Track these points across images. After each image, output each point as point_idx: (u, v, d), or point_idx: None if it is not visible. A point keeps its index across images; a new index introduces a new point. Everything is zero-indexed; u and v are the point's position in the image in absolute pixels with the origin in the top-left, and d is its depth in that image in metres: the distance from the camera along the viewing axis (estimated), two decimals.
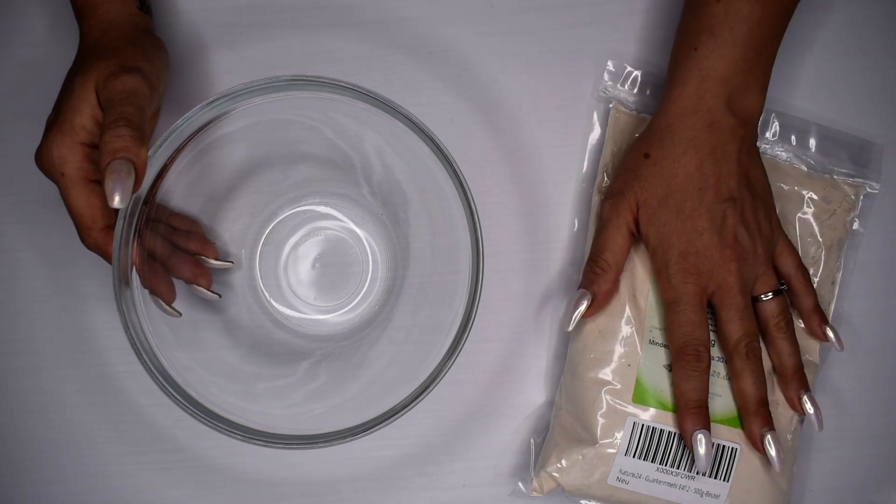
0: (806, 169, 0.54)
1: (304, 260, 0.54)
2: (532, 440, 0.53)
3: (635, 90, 0.54)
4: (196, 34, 0.55)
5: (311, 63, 0.55)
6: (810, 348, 0.52)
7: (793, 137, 0.54)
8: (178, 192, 0.48)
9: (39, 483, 0.52)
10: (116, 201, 0.40)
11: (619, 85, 0.54)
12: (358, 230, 0.54)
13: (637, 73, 0.54)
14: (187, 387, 0.43)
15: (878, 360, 0.55)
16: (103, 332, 0.53)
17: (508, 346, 0.54)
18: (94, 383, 0.53)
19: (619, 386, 0.50)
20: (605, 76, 0.54)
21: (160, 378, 0.43)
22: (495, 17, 0.55)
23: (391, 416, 0.43)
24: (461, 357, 0.44)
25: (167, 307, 0.46)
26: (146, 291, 0.45)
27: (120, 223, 0.43)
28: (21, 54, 0.54)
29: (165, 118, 0.53)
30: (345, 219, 0.54)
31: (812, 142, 0.54)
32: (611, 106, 0.54)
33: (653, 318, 0.51)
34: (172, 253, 0.48)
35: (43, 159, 0.45)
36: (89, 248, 0.46)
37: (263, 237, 0.53)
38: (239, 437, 0.43)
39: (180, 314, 0.47)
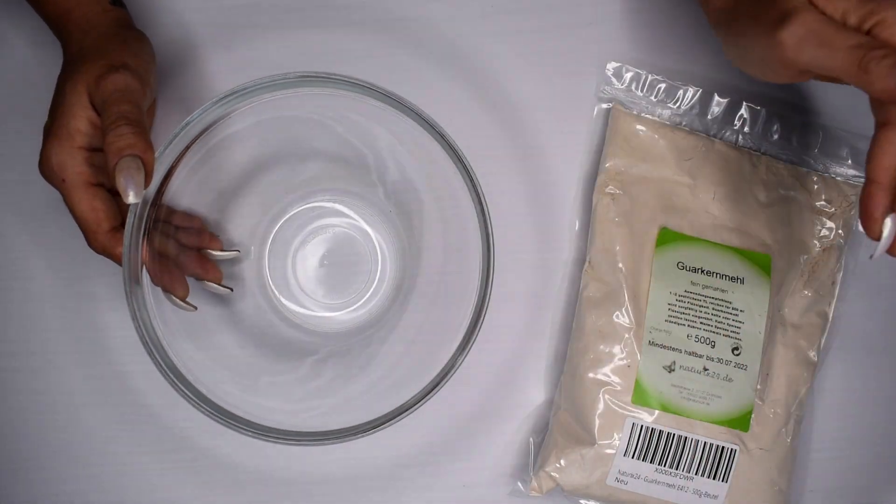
0: (807, 169, 0.54)
1: (312, 257, 0.54)
2: (531, 440, 0.53)
3: (635, 91, 0.54)
4: (199, 33, 0.55)
5: (313, 63, 0.55)
6: (810, 346, 0.52)
7: (794, 137, 0.54)
8: (188, 190, 0.48)
9: (46, 482, 0.53)
10: (131, 197, 0.41)
11: (619, 85, 0.54)
12: (367, 227, 0.54)
13: (637, 73, 0.54)
14: (198, 384, 0.43)
15: (878, 360, 0.55)
16: (112, 332, 0.53)
17: (509, 346, 0.54)
18: (103, 383, 0.53)
19: (618, 387, 0.50)
20: (606, 77, 0.54)
21: (171, 375, 0.43)
22: (495, 18, 0.55)
23: (398, 415, 0.43)
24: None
25: (181, 302, 0.46)
26: (157, 289, 0.45)
27: (130, 219, 0.43)
28: (21, 54, 0.54)
29: (171, 117, 0.53)
30: (354, 216, 0.54)
31: (813, 142, 0.54)
32: (611, 106, 0.54)
33: (653, 319, 0.51)
34: (180, 251, 0.48)
35: (44, 167, 0.45)
36: (96, 251, 0.46)
37: (273, 234, 0.53)
38: (249, 433, 0.43)
39: (195, 308, 0.47)
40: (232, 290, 0.51)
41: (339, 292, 0.54)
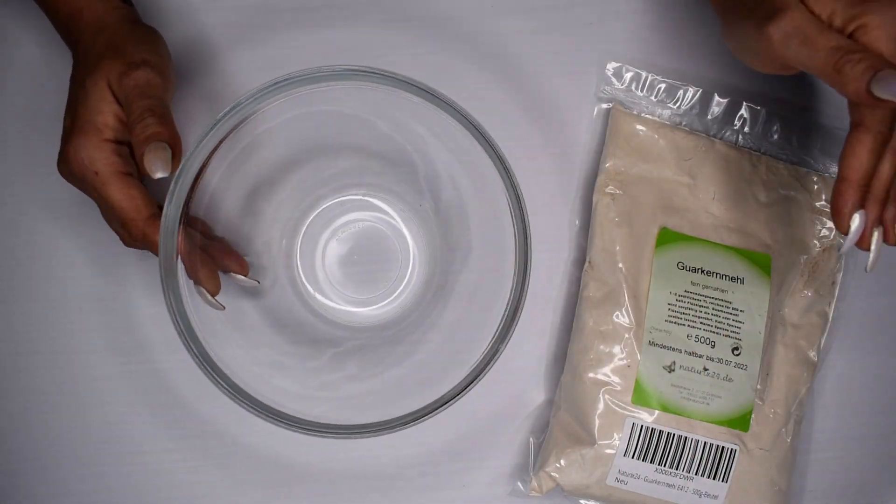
0: (807, 169, 0.54)
1: (343, 251, 0.54)
2: (531, 440, 0.53)
3: (635, 91, 0.54)
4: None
5: (321, 60, 0.54)
6: (810, 346, 0.52)
7: (794, 138, 0.54)
8: (222, 183, 0.48)
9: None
10: (158, 173, 0.42)
11: (619, 85, 0.54)
12: (398, 223, 0.54)
13: (637, 73, 0.54)
14: (234, 377, 0.43)
15: (878, 360, 0.55)
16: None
17: (508, 346, 0.54)
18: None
19: (618, 387, 0.50)
20: (606, 77, 0.54)
21: (206, 366, 0.43)
22: (494, 17, 0.55)
23: (425, 415, 0.43)
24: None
25: (212, 299, 0.46)
26: (189, 281, 0.45)
27: (166, 209, 0.43)
28: (33, 52, 0.54)
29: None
30: (387, 210, 0.54)
31: (813, 142, 0.54)
32: (611, 106, 0.54)
33: (652, 319, 0.51)
34: (208, 243, 0.49)
35: (71, 163, 0.45)
36: (136, 238, 0.46)
37: (304, 227, 0.54)
38: (268, 419, 0.42)
39: (224, 307, 0.47)
40: (259, 282, 0.51)
41: (368, 288, 0.54)
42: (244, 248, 0.51)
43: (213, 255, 0.48)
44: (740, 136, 0.54)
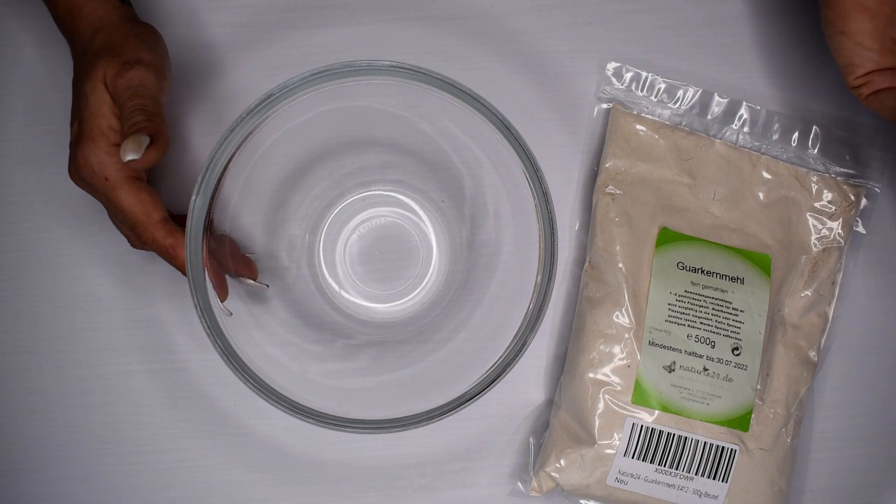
0: (807, 169, 0.54)
1: (364, 246, 0.54)
2: (531, 440, 0.53)
3: (635, 91, 0.54)
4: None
5: (327, 58, 0.54)
6: (810, 346, 0.52)
7: (794, 138, 0.54)
8: (249, 180, 0.48)
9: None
10: (129, 155, 0.42)
11: (619, 85, 0.54)
12: (422, 219, 0.54)
13: (637, 73, 0.54)
14: (260, 373, 0.43)
15: (878, 360, 0.55)
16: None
17: None
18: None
19: (618, 387, 0.50)
20: (606, 77, 0.54)
21: (232, 362, 0.43)
22: (495, 18, 0.55)
23: (449, 409, 0.43)
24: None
25: (221, 305, 0.46)
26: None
27: (193, 200, 0.43)
28: (35, 54, 0.54)
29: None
30: (412, 205, 0.54)
31: (813, 142, 0.54)
32: (611, 106, 0.54)
33: (652, 319, 0.51)
34: (217, 247, 0.48)
35: (82, 170, 0.46)
36: (146, 242, 0.46)
37: (327, 221, 0.54)
38: (289, 411, 0.43)
39: (231, 314, 0.47)
40: (268, 286, 0.51)
41: (389, 284, 0.54)
42: (269, 244, 0.51)
43: (222, 259, 0.48)
44: (740, 136, 0.54)
